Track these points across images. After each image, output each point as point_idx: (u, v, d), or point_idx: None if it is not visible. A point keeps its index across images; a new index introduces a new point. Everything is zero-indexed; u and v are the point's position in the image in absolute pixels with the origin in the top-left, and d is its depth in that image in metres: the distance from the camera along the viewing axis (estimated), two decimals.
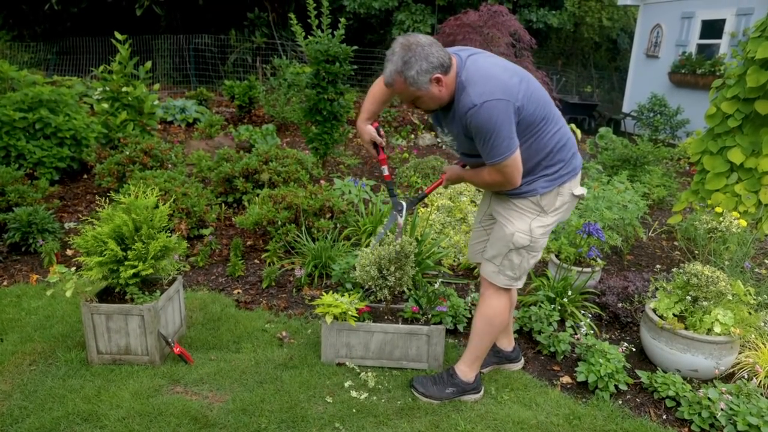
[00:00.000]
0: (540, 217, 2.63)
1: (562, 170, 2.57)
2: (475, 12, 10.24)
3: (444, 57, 2.34)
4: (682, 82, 11.25)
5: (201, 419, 2.67)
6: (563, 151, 2.57)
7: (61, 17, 17.26)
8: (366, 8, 15.27)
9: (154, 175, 5.14)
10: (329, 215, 4.87)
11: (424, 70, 2.31)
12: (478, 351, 2.88)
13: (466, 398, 2.90)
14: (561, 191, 2.61)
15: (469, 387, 2.90)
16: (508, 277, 2.73)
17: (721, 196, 4.87)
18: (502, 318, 2.82)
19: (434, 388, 2.88)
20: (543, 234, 2.66)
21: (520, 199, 2.62)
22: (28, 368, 3.06)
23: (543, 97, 2.49)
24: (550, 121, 2.51)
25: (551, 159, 2.54)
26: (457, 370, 2.91)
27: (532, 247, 2.65)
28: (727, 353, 3.04)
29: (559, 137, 2.54)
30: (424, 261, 4.14)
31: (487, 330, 2.82)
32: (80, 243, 3.02)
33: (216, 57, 16.45)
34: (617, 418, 2.81)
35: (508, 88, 2.35)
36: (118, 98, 7.05)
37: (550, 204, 2.62)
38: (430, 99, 2.43)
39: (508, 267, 2.70)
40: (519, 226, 2.63)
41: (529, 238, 2.63)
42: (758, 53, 4.44)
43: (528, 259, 2.69)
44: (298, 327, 3.60)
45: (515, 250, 2.65)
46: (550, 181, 2.57)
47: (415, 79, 2.33)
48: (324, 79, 6.82)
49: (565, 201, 2.64)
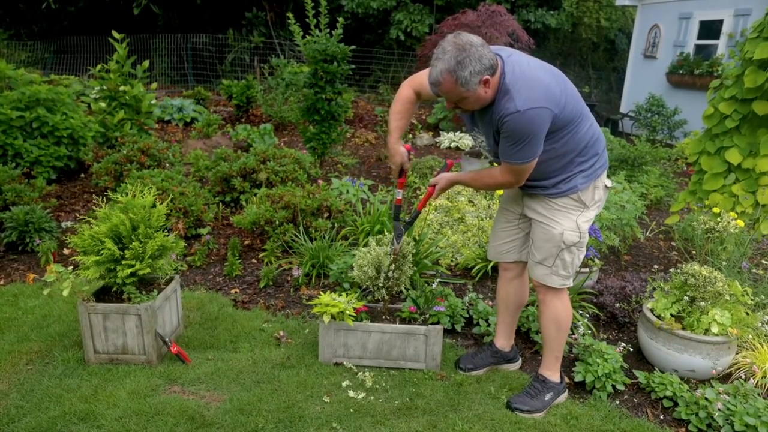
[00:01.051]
0: (584, 212, 2.67)
1: (596, 164, 2.62)
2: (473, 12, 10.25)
3: (493, 58, 2.33)
4: (679, 83, 11.26)
5: (198, 419, 2.66)
6: (597, 146, 2.61)
7: (58, 16, 17.23)
8: (364, 8, 15.26)
9: (151, 175, 5.13)
10: (327, 215, 4.86)
11: (477, 71, 2.28)
12: (556, 352, 2.90)
13: (558, 400, 2.91)
14: (597, 184, 2.66)
15: (560, 387, 2.92)
16: (561, 277, 2.74)
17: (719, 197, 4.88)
18: (567, 316, 2.83)
19: (534, 401, 2.84)
20: (588, 229, 2.71)
21: (561, 198, 2.64)
22: (24, 368, 3.05)
23: (575, 94, 2.52)
24: (584, 117, 2.54)
25: (585, 154, 2.58)
26: (545, 374, 2.91)
27: (581, 243, 2.69)
28: (725, 353, 3.05)
29: (592, 132, 2.58)
30: (422, 261, 4.14)
31: (558, 333, 2.84)
32: (77, 242, 3.01)
33: (214, 56, 16.44)
34: (615, 418, 2.81)
35: (551, 95, 2.35)
36: (115, 97, 7.03)
37: (590, 198, 2.66)
38: (475, 100, 2.41)
39: (560, 267, 2.72)
40: (567, 225, 2.65)
41: (578, 234, 2.66)
42: (756, 54, 4.45)
43: (578, 255, 2.72)
44: (295, 327, 3.60)
45: (566, 248, 2.67)
46: (587, 176, 2.61)
47: (467, 80, 2.30)
48: (322, 79, 6.81)
49: (601, 194, 2.70)
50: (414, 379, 3.07)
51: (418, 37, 15.19)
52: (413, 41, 15.60)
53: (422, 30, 15.18)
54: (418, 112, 13.04)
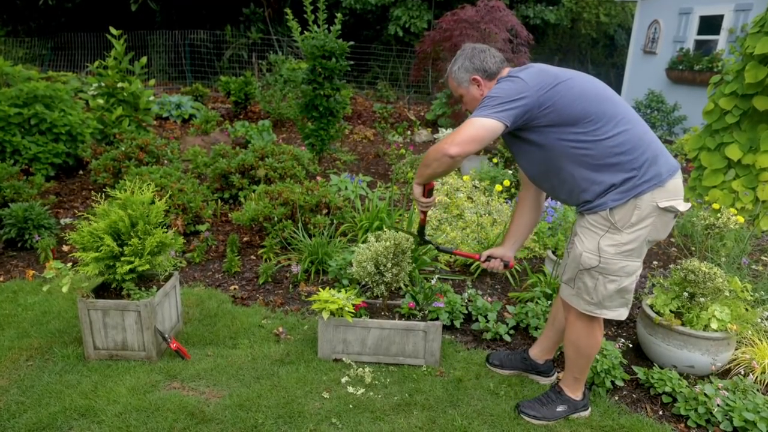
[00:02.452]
0: (611, 234, 2.34)
1: (636, 179, 2.28)
2: (472, 7, 10.21)
3: (490, 65, 2.46)
4: (679, 79, 11.26)
5: (198, 415, 2.66)
6: (628, 156, 2.28)
7: (55, 12, 17.19)
8: (362, 4, 15.23)
9: (149, 171, 5.13)
10: (326, 211, 4.86)
11: (465, 68, 2.49)
12: (575, 373, 2.73)
13: (576, 416, 2.78)
14: (638, 204, 2.29)
15: (579, 404, 2.78)
16: (586, 302, 2.48)
17: (719, 193, 4.88)
18: (589, 344, 2.60)
19: (544, 409, 2.76)
20: (618, 254, 2.35)
21: (592, 215, 2.39)
22: (24, 364, 3.05)
23: (596, 93, 2.33)
24: (610, 120, 2.29)
25: (614, 166, 2.29)
26: (563, 386, 2.79)
27: (604, 269, 2.37)
28: (724, 349, 3.05)
29: (620, 140, 2.28)
30: (421, 257, 4.14)
31: (578, 357, 2.66)
32: (76, 239, 3.01)
33: (212, 53, 16.41)
34: (614, 413, 2.82)
35: (536, 73, 2.30)
36: (113, 94, 7.02)
37: (624, 219, 2.31)
38: (471, 100, 2.52)
39: (584, 291, 2.46)
40: (587, 246, 2.40)
41: (597, 259, 2.37)
42: (757, 49, 4.44)
43: (604, 284, 2.40)
44: (294, 323, 3.60)
45: (586, 271, 2.42)
46: (622, 192, 2.30)
47: (456, 74, 2.52)
48: (320, 75, 6.80)
49: (645, 215, 2.30)
50: (413, 375, 3.07)
51: (417, 33, 15.16)
52: (412, 37, 15.58)
53: (421, 26, 15.16)
54: (416, 109, 13.02)
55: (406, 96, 14.53)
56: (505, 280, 4.31)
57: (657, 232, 2.37)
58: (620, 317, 2.49)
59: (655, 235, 2.38)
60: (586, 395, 2.81)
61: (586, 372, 2.75)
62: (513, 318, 3.58)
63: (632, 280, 2.42)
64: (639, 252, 2.38)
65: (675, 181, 2.35)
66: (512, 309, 3.65)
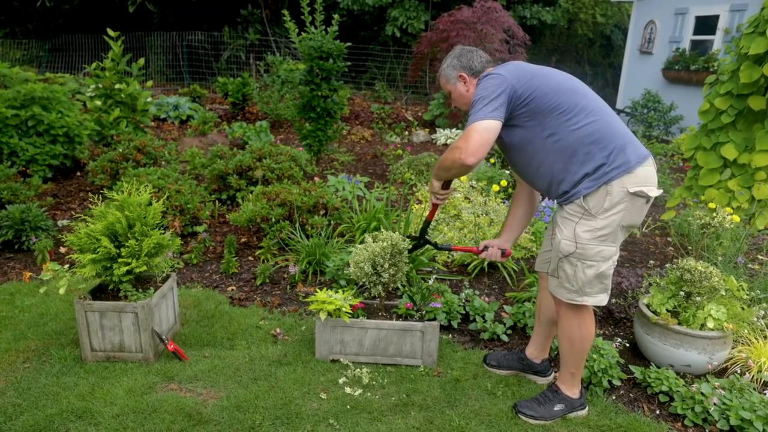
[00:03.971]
0: (586, 220, 2.43)
1: (606, 166, 2.38)
2: (468, 8, 10.24)
3: (475, 64, 2.64)
4: (675, 79, 11.28)
5: (195, 416, 2.66)
6: (598, 145, 2.39)
7: (53, 14, 17.17)
8: (360, 5, 15.24)
9: (147, 173, 5.13)
10: (323, 212, 4.86)
11: (453, 65, 2.67)
12: (571, 368, 2.74)
13: (574, 415, 2.77)
14: (609, 190, 2.38)
15: (576, 403, 2.77)
16: (567, 290, 2.55)
17: (715, 192, 4.90)
18: (582, 337, 2.64)
19: (541, 408, 2.76)
20: (594, 239, 2.43)
21: (569, 204, 2.48)
22: (21, 366, 3.05)
23: (570, 86, 2.47)
24: (582, 111, 2.42)
25: (586, 155, 2.40)
26: (560, 384, 2.80)
27: (581, 254, 2.45)
28: (720, 348, 3.06)
29: (590, 130, 2.40)
30: (418, 257, 4.14)
31: (572, 351, 2.69)
32: (73, 240, 3.00)
33: (209, 54, 16.41)
34: (611, 413, 2.82)
35: (515, 69, 2.48)
36: (111, 95, 7.02)
37: (597, 205, 2.40)
38: (458, 96, 2.69)
39: (564, 279, 2.54)
40: (565, 233, 2.48)
41: (574, 245, 2.45)
42: (751, 49, 4.46)
43: (583, 270, 2.47)
44: (292, 324, 3.60)
45: (565, 258, 2.50)
46: (594, 180, 2.40)
47: (444, 71, 2.71)
48: (318, 76, 6.81)
49: (617, 200, 2.39)
50: (411, 376, 3.08)
51: (414, 33, 15.18)
52: (409, 38, 15.60)
53: (418, 27, 15.17)
54: (413, 109, 13.03)
55: (403, 96, 14.54)
56: (502, 280, 4.32)
57: (630, 216, 2.44)
58: (601, 303, 2.57)
59: (629, 220, 2.45)
60: (583, 394, 2.81)
61: (582, 367, 2.76)
62: (510, 318, 3.59)
63: (609, 265, 2.50)
64: (614, 237, 2.46)
65: (645, 169, 2.43)
66: (509, 309, 3.66)
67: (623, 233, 2.50)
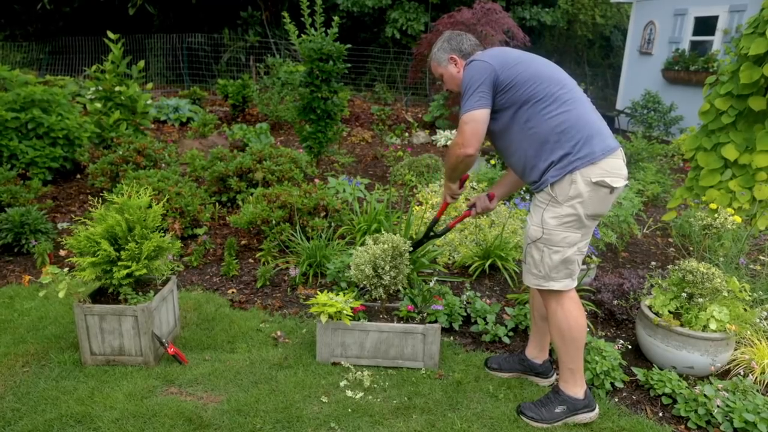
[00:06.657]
0: (552, 207, 2.53)
1: (571, 156, 2.47)
2: (468, 10, 10.23)
3: (465, 46, 2.77)
4: (675, 79, 11.27)
5: (196, 420, 2.65)
6: (566, 135, 2.47)
7: (53, 17, 17.18)
8: (359, 6, 15.24)
9: (147, 175, 5.12)
10: (324, 214, 4.85)
11: (443, 48, 2.79)
12: (568, 364, 2.72)
13: (580, 418, 2.73)
14: (574, 179, 2.47)
15: (579, 404, 2.73)
16: (534, 276, 2.65)
17: (716, 193, 4.88)
18: (569, 326, 2.64)
19: (543, 410, 2.73)
20: (560, 225, 2.52)
21: (539, 193, 2.61)
22: (20, 370, 3.03)
23: (549, 75, 2.56)
24: (557, 101, 2.50)
25: (554, 144, 2.49)
26: (561, 386, 2.77)
27: (548, 240, 2.55)
28: (723, 350, 3.04)
29: (560, 120, 2.48)
30: (419, 259, 4.13)
31: (564, 344, 2.68)
32: (73, 243, 2.99)
33: (209, 56, 16.41)
34: (613, 415, 2.81)
35: (498, 55, 2.59)
36: (110, 98, 7.01)
37: (563, 193, 2.49)
38: (449, 77, 2.81)
39: (531, 264, 2.65)
40: (534, 219, 2.61)
41: (541, 230, 2.56)
42: (751, 50, 4.45)
43: (549, 255, 2.57)
44: (293, 326, 3.59)
45: (532, 243, 2.62)
46: (559, 169, 2.49)
47: (436, 55, 2.82)
48: (318, 78, 6.80)
49: (581, 190, 2.47)
50: (412, 378, 3.06)
51: (414, 35, 15.19)
52: (409, 39, 15.60)
53: (418, 28, 15.18)
54: (414, 110, 13.02)
55: (403, 98, 14.55)
56: (503, 282, 4.30)
57: (594, 206, 2.52)
58: (567, 287, 2.63)
59: (594, 210, 2.53)
60: (588, 395, 2.77)
61: (580, 362, 2.73)
62: (512, 320, 3.57)
63: (574, 251, 2.59)
64: (579, 224, 2.54)
65: (611, 161, 2.50)
66: (511, 311, 3.64)
67: (590, 222, 2.58)
